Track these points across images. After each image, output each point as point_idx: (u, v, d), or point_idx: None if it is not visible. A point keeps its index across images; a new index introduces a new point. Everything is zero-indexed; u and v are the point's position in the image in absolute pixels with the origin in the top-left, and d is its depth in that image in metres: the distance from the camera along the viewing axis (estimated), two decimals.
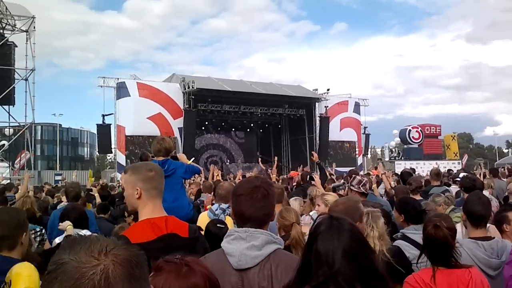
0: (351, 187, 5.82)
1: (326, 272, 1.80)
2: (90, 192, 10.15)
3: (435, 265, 2.99)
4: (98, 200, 8.89)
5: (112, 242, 1.15)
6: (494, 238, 3.71)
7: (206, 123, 35.43)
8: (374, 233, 3.49)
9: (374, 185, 8.30)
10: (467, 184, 7.00)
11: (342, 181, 9.00)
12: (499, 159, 48.84)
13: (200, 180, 10.90)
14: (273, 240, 2.33)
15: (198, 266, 1.60)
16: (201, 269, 1.60)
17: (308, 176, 8.92)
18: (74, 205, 5.72)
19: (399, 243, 3.86)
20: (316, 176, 7.93)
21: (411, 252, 3.73)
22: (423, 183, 8.12)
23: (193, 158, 6.55)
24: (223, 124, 37.20)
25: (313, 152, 8.99)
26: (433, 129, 42.27)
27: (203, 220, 5.13)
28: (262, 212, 2.39)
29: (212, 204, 5.82)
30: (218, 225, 4.29)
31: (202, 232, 3.30)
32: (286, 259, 2.31)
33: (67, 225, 4.41)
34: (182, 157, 6.08)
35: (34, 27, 28.85)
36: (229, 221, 4.72)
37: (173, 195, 5.00)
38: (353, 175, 6.62)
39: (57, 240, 4.48)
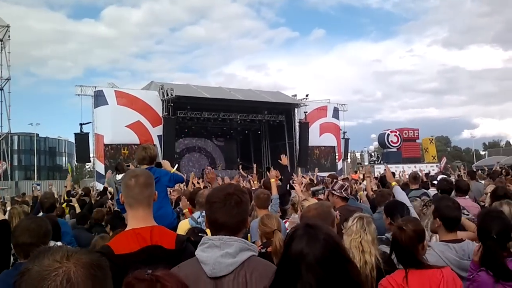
0: (333, 191, 5.80)
1: (301, 281, 1.79)
2: (70, 203, 10.05)
3: (405, 267, 3.04)
4: (78, 210, 8.80)
5: (74, 249, 1.21)
6: (464, 240, 3.75)
7: (186, 130, 35.23)
8: (367, 237, 3.53)
9: (361, 193, 8.34)
10: (444, 187, 7.07)
11: (322, 185, 9.03)
12: (476, 161, 49.49)
13: (181, 188, 10.87)
14: (247, 247, 2.31)
15: (170, 280, 1.56)
16: (173, 282, 1.57)
17: (288, 186, 8.93)
18: (48, 216, 5.64)
19: (382, 248, 3.88)
20: (296, 185, 7.94)
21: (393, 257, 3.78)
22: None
23: (176, 166, 6.53)
24: (202, 131, 37.05)
25: (282, 155, 9.01)
26: (411, 133, 42.78)
27: (183, 227, 5.10)
28: (236, 219, 2.38)
29: (193, 212, 5.80)
30: (199, 234, 4.24)
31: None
32: (261, 266, 2.30)
33: None
34: (165, 164, 6.06)
35: (9, 36, 28.55)
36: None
37: (157, 204, 4.97)
38: (335, 180, 6.63)
39: None
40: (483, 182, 10.38)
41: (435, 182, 9.27)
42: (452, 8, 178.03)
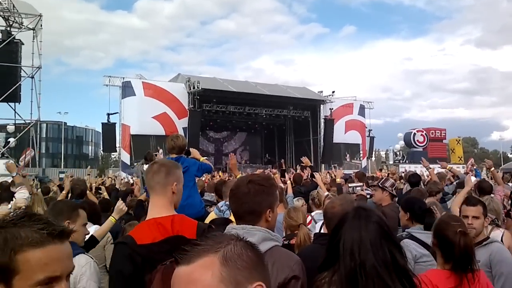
0: (385, 188, 5.80)
1: (351, 263, 1.85)
2: (99, 191, 10.26)
3: (458, 271, 2.87)
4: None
5: None
6: None
7: (211, 123, 35.46)
8: None
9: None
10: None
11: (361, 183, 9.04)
12: (503, 164, 48.60)
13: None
14: (270, 237, 2.32)
15: None
16: None
17: (309, 174, 8.96)
18: (87, 201, 5.82)
19: (406, 241, 3.87)
20: (317, 174, 7.98)
21: (418, 250, 3.77)
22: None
23: (206, 157, 6.55)
24: (227, 124, 37.23)
25: (303, 158, 9.09)
26: (438, 133, 42.23)
27: (211, 218, 5.14)
28: (258, 209, 2.40)
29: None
30: (220, 223, 4.27)
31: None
32: (283, 257, 2.31)
33: None
34: (194, 152, 6.07)
35: (41, 25, 28.90)
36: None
37: (186, 193, 4.98)
38: (386, 177, 6.58)
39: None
40: (510, 184, 10.21)
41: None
42: (487, 7, 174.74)
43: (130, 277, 2.46)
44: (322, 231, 4.04)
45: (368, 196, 7.50)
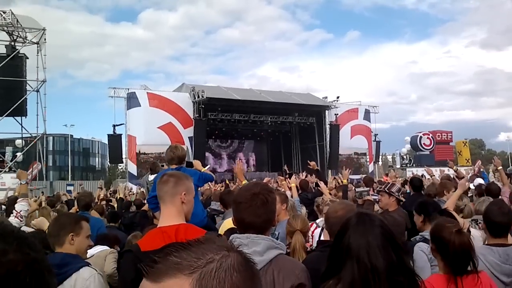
0: (391, 193, 5.79)
1: (361, 269, 1.84)
2: (110, 203, 10.33)
3: (456, 274, 2.81)
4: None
5: None
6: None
7: (216, 132, 35.51)
8: None
9: None
10: (482, 191, 6.90)
11: (368, 188, 9.02)
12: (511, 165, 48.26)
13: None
14: (274, 246, 2.33)
15: None
16: None
17: (315, 183, 8.94)
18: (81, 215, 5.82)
19: (420, 245, 3.84)
20: (322, 183, 7.96)
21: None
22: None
23: (208, 166, 6.56)
24: (233, 133, 37.25)
25: (309, 161, 9.13)
26: (444, 135, 42.08)
27: (226, 226, 5.12)
28: (262, 219, 2.39)
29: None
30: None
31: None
32: (288, 264, 2.31)
33: None
34: (197, 163, 6.10)
35: (45, 39, 29.07)
36: None
37: None
38: (392, 182, 6.54)
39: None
40: None
41: (472, 186, 9.06)
42: (491, 8, 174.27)
43: (132, 282, 2.48)
44: (322, 238, 4.01)
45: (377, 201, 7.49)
